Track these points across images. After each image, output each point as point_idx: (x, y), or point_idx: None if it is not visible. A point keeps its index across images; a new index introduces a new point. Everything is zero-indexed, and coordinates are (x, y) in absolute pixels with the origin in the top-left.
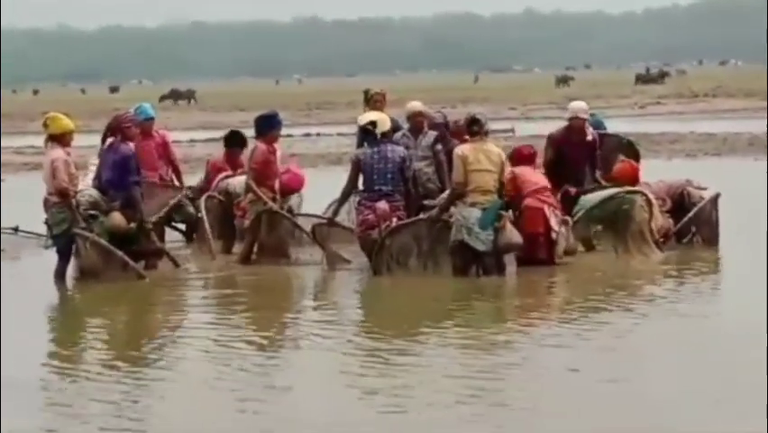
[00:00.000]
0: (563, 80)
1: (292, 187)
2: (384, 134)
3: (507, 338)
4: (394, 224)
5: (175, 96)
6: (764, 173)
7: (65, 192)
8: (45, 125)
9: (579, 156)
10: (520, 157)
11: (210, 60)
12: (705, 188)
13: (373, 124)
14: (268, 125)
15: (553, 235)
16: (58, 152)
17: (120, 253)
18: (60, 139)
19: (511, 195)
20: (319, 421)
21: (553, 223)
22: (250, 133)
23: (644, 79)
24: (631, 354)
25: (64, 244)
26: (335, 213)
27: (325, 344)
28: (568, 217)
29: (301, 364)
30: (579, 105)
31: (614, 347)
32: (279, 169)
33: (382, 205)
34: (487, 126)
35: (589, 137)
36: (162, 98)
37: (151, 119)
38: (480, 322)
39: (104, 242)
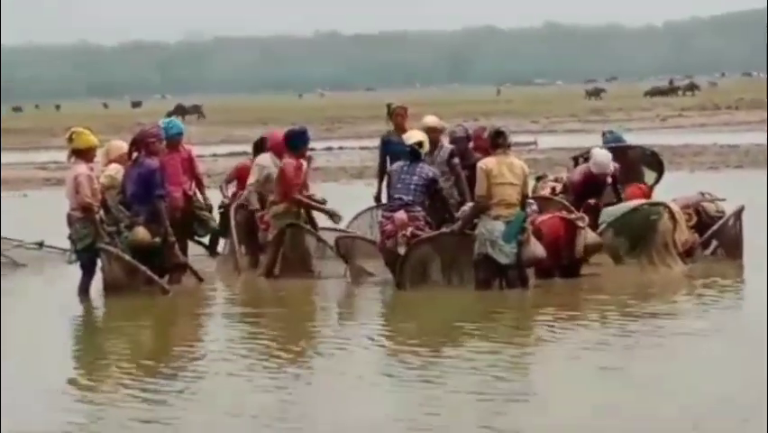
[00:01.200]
0: (595, 93)
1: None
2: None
3: (526, 355)
4: (409, 233)
5: (181, 111)
6: None
7: (88, 207)
8: (70, 140)
9: (600, 191)
10: None
11: (232, 75)
12: (722, 200)
13: (420, 144)
14: (300, 141)
15: (580, 223)
16: (81, 168)
17: (144, 268)
18: (84, 154)
19: None
20: None
21: (573, 217)
22: None
23: (652, 93)
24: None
25: (87, 259)
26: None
27: (347, 359)
28: (583, 215)
29: (323, 381)
30: (603, 159)
31: (625, 366)
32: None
33: (400, 214)
34: (510, 140)
35: (609, 179)
36: (168, 115)
37: (181, 134)
38: (502, 337)
39: (127, 257)
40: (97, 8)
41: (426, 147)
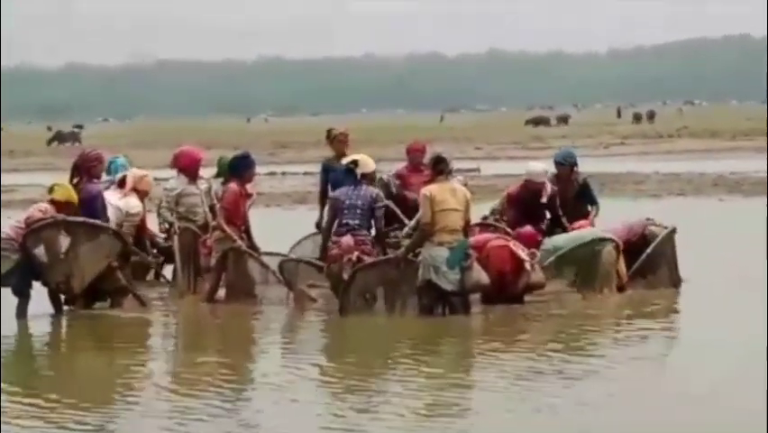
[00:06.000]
0: (563, 119)
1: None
2: (364, 176)
3: (468, 379)
4: (354, 257)
5: (60, 138)
6: (727, 213)
7: (33, 222)
8: (50, 191)
9: (538, 212)
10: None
11: (176, 98)
12: (666, 228)
13: (355, 163)
14: (241, 166)
15: (527, 266)
16: (49, 209)
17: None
18: (60, 205)
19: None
20: None
21: (523, 255)
22: (212, 171)
23: (535, 122)
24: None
25: (15, 283)
26: (322, 249)
27: (287, 386)
28: (534, 250)
29: (262, 406)
30: (536, 169)
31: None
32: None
33: (346, 239)
34: (451, 166)
35: (544, 199)
36: (50, 142)
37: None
38: (443, 363)
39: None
40: (39, 30)
41: (365, 168)
